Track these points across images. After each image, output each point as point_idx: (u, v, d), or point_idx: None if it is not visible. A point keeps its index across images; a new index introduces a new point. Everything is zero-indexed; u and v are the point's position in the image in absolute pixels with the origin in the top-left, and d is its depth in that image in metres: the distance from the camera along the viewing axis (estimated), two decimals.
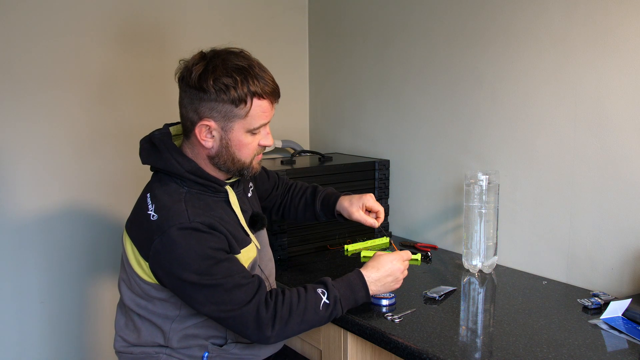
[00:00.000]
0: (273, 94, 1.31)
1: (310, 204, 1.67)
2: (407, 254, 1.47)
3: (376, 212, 1.62)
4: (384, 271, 1.41)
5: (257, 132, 1.33)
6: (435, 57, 1.99)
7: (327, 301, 1.31)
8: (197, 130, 1.29)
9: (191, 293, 1.25)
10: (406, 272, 1.46)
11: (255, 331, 1.26)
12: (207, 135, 1.30)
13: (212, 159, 1.33)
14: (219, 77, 1.24)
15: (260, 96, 1.28)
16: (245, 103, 1.27)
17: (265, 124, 1.33)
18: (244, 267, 1.32)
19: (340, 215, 1.64)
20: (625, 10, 1.48)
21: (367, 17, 2.24)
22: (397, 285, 1.44)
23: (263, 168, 1.68)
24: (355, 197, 1.62)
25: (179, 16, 2.17)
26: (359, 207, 1.60)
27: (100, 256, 2.09)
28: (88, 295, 2.08)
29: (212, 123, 1.28)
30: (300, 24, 2.52)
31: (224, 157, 1.32)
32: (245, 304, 1.24)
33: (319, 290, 1.32)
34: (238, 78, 1.25)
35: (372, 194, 1.63)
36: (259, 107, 1.29)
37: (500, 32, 1.77)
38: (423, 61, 2.03)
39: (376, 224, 1.61)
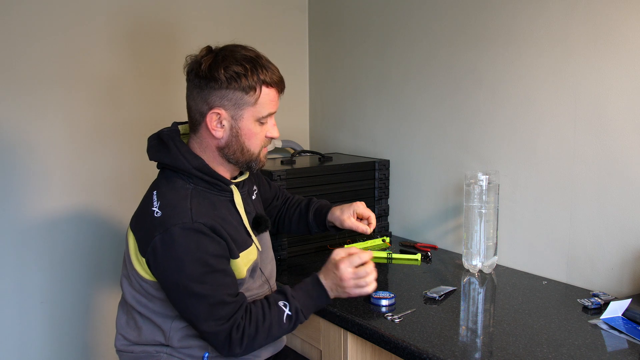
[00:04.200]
0: (280, 83, 1.35)
1: (304, 215, 1.68)
2: (359, 257, 1.33)
3: (367, 218, 1.63)
4: (339, 279, 1.32)
5: (264, 122, 1.36)
6: (435, 57, 1.99)
7: (289, 313, 1.32)
8: (207, 119, 1.31)
9: (178, 295, 1.27)
10: (373, 274, 1.33)
11: (225, 349, 1.29)
12: (218, 124, 1.32)
13: (221, 150, 1.35)
14: (230, 66, 1.28)
15: (269, 85, 1.32)
16: (255, 90, 1.30)
17: (272, 114, 1.36)
18: (234, 282, 1.33)
19: (332, 226, 1.65)
20: (625, 10, 1.48)
21: (367, 17, 2.24)
22: (362, 290, 1.33)
23: (266, 178, 1.70)
24: (346, 205, 1.64)
25: (181, 16, 2.17)
26: (350, 214, 1.61)
27: (103, 256, 2.09)
28: (89, 295, 2.08)
29: (222, 112, 1.30)
30: (300, 24, 2.52)
31: (233, 147, 1.34)
32: (223, 323, 1.27)
33: (281, 304, 1.33)
34: (248, 66, 1.29)
35: (362, 202, 1.64)
36: (267, 96, 1.33)
37: (500, 32, 1.77)
38: (423, 61, 2.03)
39: (368, 230, 1.62)
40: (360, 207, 1.62)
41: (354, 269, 1.32)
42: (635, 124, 1.49)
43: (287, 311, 1.32)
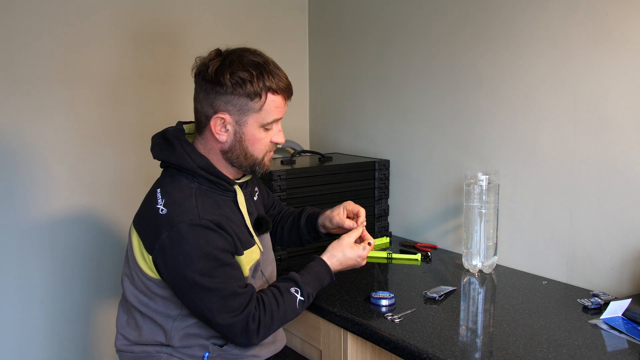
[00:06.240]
0: (286, 90, 1.35)
1: (297, 221, 1.66)
2: (349, 237, 1.49)
3: (356, 213, 1.59)
4: (344, 259, 1.47)
5: (269, 128, 1.36)
6: (435, 57, 1.99)
7: (302, 298, 1.37)
8: (212, 123, 1.31)
9: (188, 292, 1.26)
10: (365, 253, 1.50)
11: (242, 339, 1.31)
12: (222, 129, 1.32)
13: (225, 153, 1.35)
14: (236, 71, 1.28)
15: (275, 91, 1.32)
16: (260, 97, 1.30)
17: (277, 120, 1.36)
18: (243, 275, 1.34)
19: (325, 233, 1.62)
20: (625, 10, 1.48)
21: (367, 17, 2.24)
22: (359, 265, 1.50)
23: (265, 187, 1.69)
24: (336, 206, 1.62)
25: (182, 16, 2.17)
26: (340, 211, 1.59)
27: (103, 257, 2.09)
28: (90, 295, 2.08)
29: (227, 116, 1.31)
30: (300, 24, 2.52)
31: (236, 152, 1.34)
32: (237, 314, 1.27)
33: (293, 290, 1.37)
34: (254, 72, 1.29)
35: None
36: (273, 102, 1.32)
37: (500, 32, 1.77)
38: (423, 61, 2.03)
39: (354, 225, 1.56)
40: (350, 204, 1.61)
41: (360, 249, 1.48)
42: (635, 124, 1.49)
43: (299, 297, 1.36)
